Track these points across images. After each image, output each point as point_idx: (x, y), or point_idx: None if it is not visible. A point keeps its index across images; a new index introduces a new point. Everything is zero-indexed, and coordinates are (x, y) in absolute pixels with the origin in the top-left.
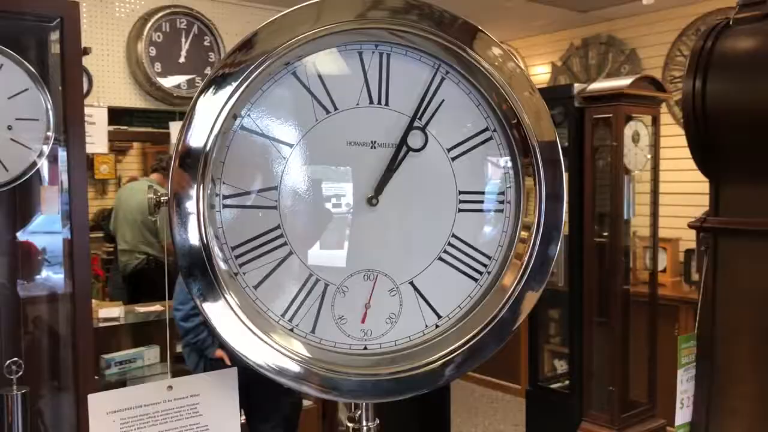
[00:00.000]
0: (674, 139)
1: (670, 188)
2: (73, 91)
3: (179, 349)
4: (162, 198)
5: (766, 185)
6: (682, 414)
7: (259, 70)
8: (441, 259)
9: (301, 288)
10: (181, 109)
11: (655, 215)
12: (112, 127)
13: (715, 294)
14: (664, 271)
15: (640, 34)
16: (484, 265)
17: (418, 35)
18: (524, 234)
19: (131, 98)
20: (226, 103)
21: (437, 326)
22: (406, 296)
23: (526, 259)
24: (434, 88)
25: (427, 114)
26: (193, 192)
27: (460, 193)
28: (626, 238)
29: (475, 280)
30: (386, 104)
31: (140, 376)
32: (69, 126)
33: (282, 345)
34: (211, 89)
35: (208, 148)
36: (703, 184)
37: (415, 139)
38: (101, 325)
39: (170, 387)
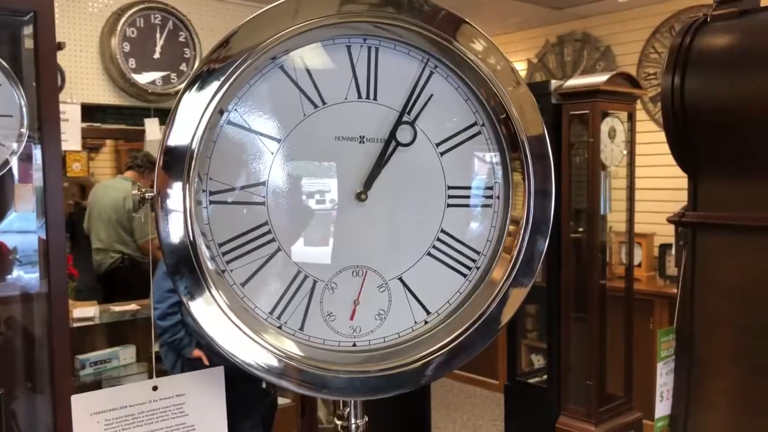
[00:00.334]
0: (649, 135)
1: (644, 184)
2: (48, 88)
3: (156, 348)
4: (147, 194)
5: (744, 180)
6: (662, 407)
7: (246, 64)
8: (430, 254)
9: (290, 285)
10: (156, 105)
11: (631, 211)
12: (85, 124)
13: (693, 288)
14: (639, 265)
15: (615, 32)
16: (473, 261)
17: (402, 27)
18: (513, 229)
19: (105, 95)
20: (212, 98)
21: (426, 322)
22: (395, 292)
23: (515, 254)
24: (423, 82)
25: (416, 108)
26: (179, 188)
27: (449, 188)
28: (603, 234)
29: (464, 275)
30: (375, 99)
31: (116, 376)
32: (44, 123)
33: (270, 343)
34: (197, 84)
35: (194, 143)
36: (676, 180)
37: (404, 134)
38: (75, 325)
39: (155, 387)
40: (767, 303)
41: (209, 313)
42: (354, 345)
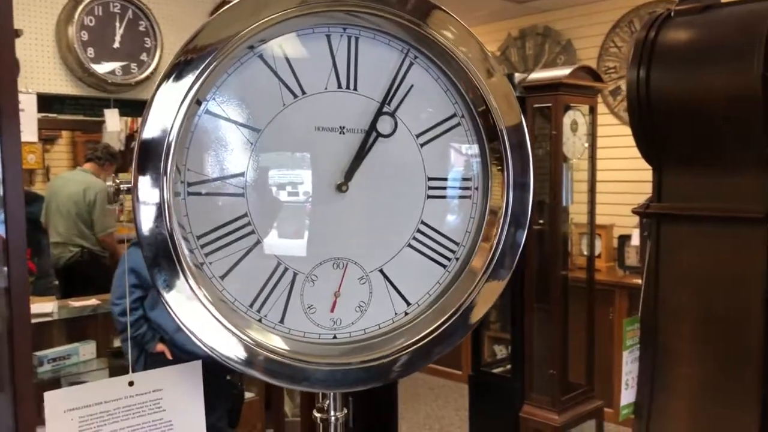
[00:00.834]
0: (608, 128)
1: (603, 176)
2: (7, 78)
3: (117, 343)
4: (122, 185)
5: (706, 172)
6: (627, 394)
7: (223, 54)
8: (410, 246)
9: (270, 277)
10: (116, 96)
11: (592, 202)
12: (40, 115)
13: (657, 278)
14: (599, 256)
15: (576, 26)
16: (453, 252)
17: (374, 14)
18: (491, 220)
19: (62, 84)
20: (190, 88)
21: (406, 313)
22: (376, 284)
23: (494, 245)
24: (403, 72)
25: (396, 99)
26: (156, 179)
27: (429, 179)
28: (564, 225)
29: (444, 266)
30: (355, 89)
31: (75, 372)
32: (2, 115)
33: (251, 336)
34: (174, 75)
35: (171, 134)
36: (635, 172)
37: (384, 125)
38: (33, 321)
39: (131, 382)
40: (728, 293)
41: (188, 306)
42: (334, 337)
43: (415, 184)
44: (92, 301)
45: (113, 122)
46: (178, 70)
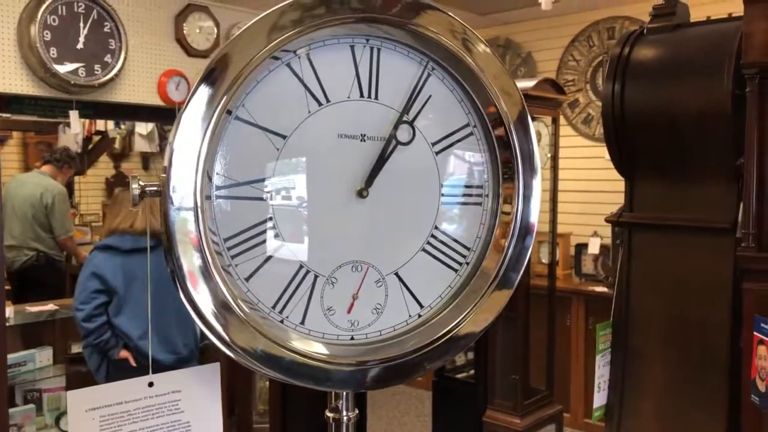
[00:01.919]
0: (566, 139)
1: (561, 186)
2: None
3: (75, 349)
4: (148, 188)
5: (676, 184)
6: (599, 397)
7: (253, 64)
8: (424, 250)
9: (292, 279)
10: (79, 97)
11: (554, 212)
12: None
13: (629, 284)
14: (556, 264)
15: (536, 39)
16: (464, 256)
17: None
18: (502, 226)
19: (23, 84)
20: (222, 97)
21: (420, 316)
22: (392, 287)
23: (504, 250)
24: (422, 83)
25: (414, 108)
26: (190, 183)
27: (443, 186)
28: None
29: (455, 270)
30: (376, 98)
31: (31, 380)
32: None
33: (277, 337)
34: (205, 83)
35: (205, 140)
36: (592, 183)
37: (403, 133)
38: None
39: (151, 383)
40: (696, 299)
41: (218, 308)
42: (352, 338)
43: (429, 191)
44: (49, 307)
45: (76, 124)
46: (211, 79)
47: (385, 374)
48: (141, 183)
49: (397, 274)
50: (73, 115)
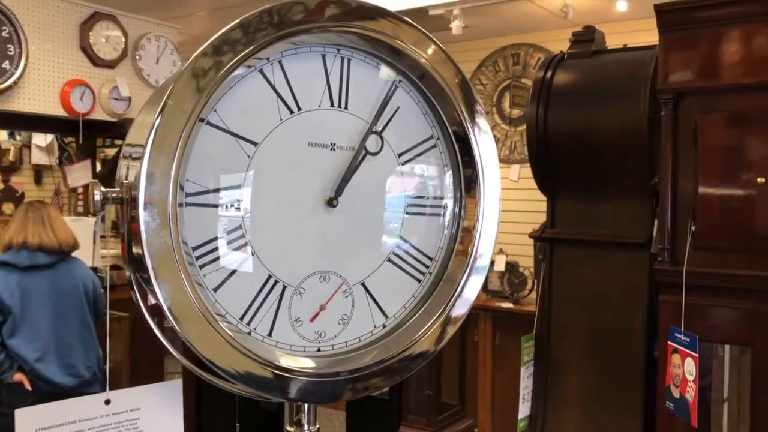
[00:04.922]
0: None
1: None
2: None
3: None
4: (111, 194)
5: (595, 201)
6: (524, 408)
7: (227, 73)
8: (390, 260)
9: (260, 290)
10: None
11: None
12: None
13: (551, 298)
14: None
15: None
16: (427, 267)
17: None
18: (464, 236)
19: None
20: (195, 106)
21: (384, 326)
22: (358, 297)
23: (466, 261)
24: (390, 94)
25: (383, 119)
26: (165, 190)
27: (408, 197)
28: None
29: (419, 280)
30: (346, 107)
31: None
32: None
33: (248, 349)
34: (179, 92)
35: (179, 146)
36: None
37: (372, 143)
38: None
39: (108, 401)
40: (614, 310)
41: (191, 319)
42: (318, 350)
43: (395, 201)
44: None
45: None
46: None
47: (352, 385)
48: (102, 189)
49: (363, 284)
50: None
